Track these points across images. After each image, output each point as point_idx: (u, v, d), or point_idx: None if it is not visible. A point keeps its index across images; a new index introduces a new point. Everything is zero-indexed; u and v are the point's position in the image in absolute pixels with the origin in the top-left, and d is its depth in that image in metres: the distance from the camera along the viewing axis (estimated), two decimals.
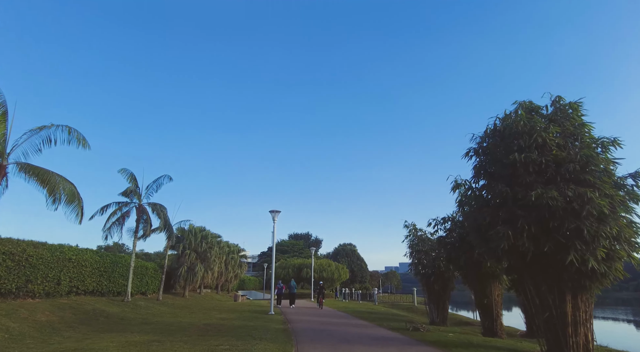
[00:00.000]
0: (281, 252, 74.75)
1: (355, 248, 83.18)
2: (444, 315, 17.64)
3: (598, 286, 8.65)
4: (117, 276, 19.97)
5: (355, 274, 74.42)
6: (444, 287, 17.61)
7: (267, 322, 14.96)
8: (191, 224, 29.19)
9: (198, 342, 9.35)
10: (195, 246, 28.77)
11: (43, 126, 10.70)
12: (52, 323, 11.26)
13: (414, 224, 19.38)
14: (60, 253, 15.72)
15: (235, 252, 41.22)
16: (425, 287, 18.02)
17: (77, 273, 16.63)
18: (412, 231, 19.24)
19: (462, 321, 21.09)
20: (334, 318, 17.69)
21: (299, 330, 12.79)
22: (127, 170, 20.11)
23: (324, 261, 53.79)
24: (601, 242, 8.12)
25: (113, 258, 19.86)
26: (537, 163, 9.17)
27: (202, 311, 19.93)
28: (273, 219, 21.01)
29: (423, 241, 18.70)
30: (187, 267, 27.72)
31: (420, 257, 18.04)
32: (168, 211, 21.90)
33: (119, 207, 19.65)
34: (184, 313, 18.20)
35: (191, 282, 27.95)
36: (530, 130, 9.54)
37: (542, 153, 9.31)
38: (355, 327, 14.17)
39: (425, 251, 17.91)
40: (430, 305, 17.95)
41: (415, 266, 18.44)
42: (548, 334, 9.03)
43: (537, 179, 9.09)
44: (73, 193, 11.37)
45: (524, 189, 9.07)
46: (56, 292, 15.22)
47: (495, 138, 10.49)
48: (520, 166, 9.27)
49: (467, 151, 11.39)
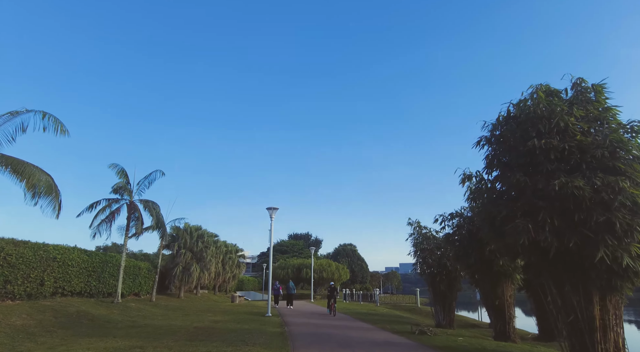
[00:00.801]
0: (281, 252, 73.84)
1: (356, 248, 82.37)
2: (450, 317, 16.73)
3: (630, 285, 7.73)
4: (107, 276, 19.09)
5: (355, 274, 73.54)
6: (451, 287, 16.71)
7: (263, 325, 14.06)
8: (187, 222, 28.32)
9: (184, 349, 8.45)
10: (191, 245, 27.86)
11: (16, 111, 9.83)
12: (28, 327, 10.35)
13: (418, 221, 18.50)
14: (44, 252, 14.82)
15: (233, 252, 40.30)
16: (431, 288, 17.12)
17: (63, 273, 15.74)
18: (417, 228, 18.35)
19: (469, 323, 20.19)
20: (334, 320, 16.78)
21: (296, 333, 11.89)
22: (117, 165, 19.23)
23: (324, 261, 52.85)
24: (635, 237, 7.21)
25: (103, 257, 18.96)
26: (559, 149, 8.27)
27: (196, 312, 19.02)
28: (270, 217, 20.11)
29: (428, 238, 17.80)
30: (182, 267, 26.82)
31: (425, 256, 17.14)
32: (162, 209, 21.06)
33: (108, 203, 18.75)
34: (176, 315, 17.30)
35: (186, 282, 27.04)
36: (551, 114, 8.65)
37: (564, 139, 8.40)
38: (357, 330, 13.27)
39: (430, 249, 17.02)
40: (436, 306, 17.04)
41: (420, 265, 17.54)
42: (572, 339, 8.12)
43: (560, 167, 8.19)
44: (50, 185, 10.47)
45: (545, 179, 8.18)
46: (39, 293, 14.33)
47: (510, 124, 9.59)
48: (540, 153, 8.37)
49: (478, 140, 10.51)
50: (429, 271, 16.94)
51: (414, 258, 18.04)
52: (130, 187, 19.79)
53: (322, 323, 15.44)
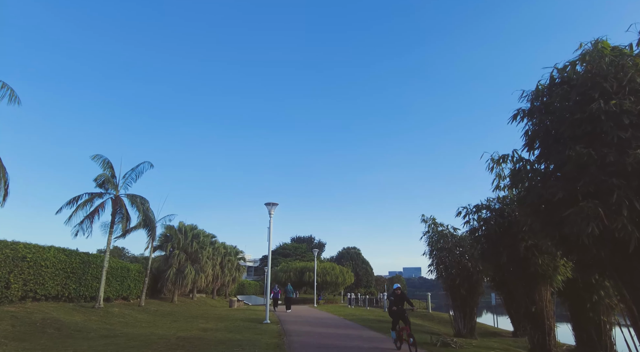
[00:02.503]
0: (283, 255, 71.97)
1: (360, 252, 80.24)
2: (471, 325, 14.79)
3: None
4: (89, 279, 17.30)
5: (360, 278, 71.41)
6: (472, 291, 14.78)
7: (258, 334, 12.20)
8: (181, 221, 26.52)
9: None
10: (185, 245, 26.02)
11: None
12: None
13: (434, 217, 16.58)
14: (11, 251, 13.08)
15: (233, 254, 38.45)
16: (449, 292, 15.19)
17: (35, 275, 13.94)
18: (432, 226, 16.44)
19: (488, 331, 18.19)
20: (340, 329, 14.87)
21: (297, 346, 10.02)
22: (101, 156, 17.48)
23: (327, 264, 50.82)
24: None
25: (85, 257, 17.16)
26: (634, 113, 6.44)
27: (186, 319, 17.17)
28: (269, 213, 18.30)
29: (445, 236, 15.89)
30: (176, 269, 24.98)
31: (443, 256, 15.23)
32: (153, 207, 19.34)
33: (90, 198, 16.98)
34: (163, 322, 15.45)
35: (180, 286, 25.17)
36: (619, 71, 6.82)
37: (638, 100, 6.58)
38: (367, 341, 11.36)
39: (448, 248, 15.11)
40: (456, 313, 15.10)
41: (436, 267, 15.62)
42: None
43: (636, 135, 6.35)
44: None
45: (617, 150, 6.33)
46: (4, 297, 12.55)
47: (559, 89, 7.75)
48: (608, 119, 6.52)
49: (515, 114, 8.72)
50: (447, 272, 15.03)
51: (429, 259, 16.14)
52: (116, 181, 18.06)
53: (327, 332, 13.55)
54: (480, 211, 11.91)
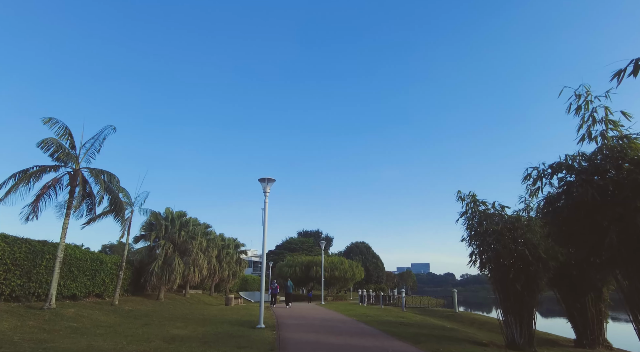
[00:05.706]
0: (290, 250, 68.89)
1: (370, 246, 76.64)
2: (529, 332, 11.11)
3: None
4: (43, 272, 14.05)
5: (370, 273, 67.96)
6: (531, 287, 11.08)
7: (242, 348, 8.69)
8: (168, 207, 23.10)
9: None
10: (172, 234, 22.64)
11: None
12: None
13: (474, 194, 12.89)
14: None
15: (232, 246, 35.10)
16: (499, 288, 11.52)
17: None
18: (471, 204, 12.75)
19: (541, 338, 14.43)
20: (355, 336, 11.33)
21: None
22: (57, 121, 14.06)
23: (335, 258, 47.37)
24: None
25: (36, 246, 13.87)
26: None
27: (162, 322, 13.78)
28: (264, 191, 14.79)
29: (490, 217, 12.19)
30: (162, 262, 21.65)
31: (490, 241, 11.56)
32: (130, 189, 15.92)
33: (39, 169, 13.59)
34: (130, 327, 12.04)
35: (167, 281, 21.84)
36: None
37: None
38: None
39: (499, 230, 11.40)
40: (508, 316, 11.41)
41: (479, 256, 11.98)
42: None
43: None
44: None
45: None
46: None
47: None
48: None
49: None
50: (497, 263, 11.35)
51: (469, 245, 12.48)
52: (77, 153, 14.68)
53: (337, 342, 10.00)
54: (559, 171, 8.19)
